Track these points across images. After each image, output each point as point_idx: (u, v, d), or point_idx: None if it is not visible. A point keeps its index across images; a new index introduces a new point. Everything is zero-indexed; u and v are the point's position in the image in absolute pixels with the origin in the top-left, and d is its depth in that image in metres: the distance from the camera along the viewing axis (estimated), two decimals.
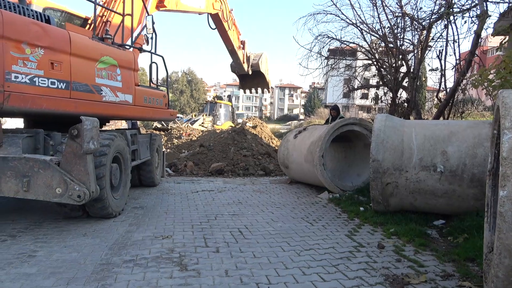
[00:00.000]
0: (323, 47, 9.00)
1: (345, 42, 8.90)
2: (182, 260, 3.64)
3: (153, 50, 7.63)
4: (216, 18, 11.23)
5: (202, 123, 25.47)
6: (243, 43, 13.46)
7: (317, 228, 4.99)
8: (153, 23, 7.34)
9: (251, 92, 16.30)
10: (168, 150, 17.99)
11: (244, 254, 3.87)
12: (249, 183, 9.03)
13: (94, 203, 4.86)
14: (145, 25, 7.42)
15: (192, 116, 32.91)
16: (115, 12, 6.71)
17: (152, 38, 7.64)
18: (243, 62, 13.68)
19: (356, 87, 11.12)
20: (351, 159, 8.48)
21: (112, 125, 24.77)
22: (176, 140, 21.43)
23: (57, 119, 5.65)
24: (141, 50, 7.62)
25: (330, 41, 8.96)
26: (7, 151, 4.38)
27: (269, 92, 14.21)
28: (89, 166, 4.38)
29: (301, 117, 72.02)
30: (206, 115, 28.59)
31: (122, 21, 6.74)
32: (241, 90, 16.40)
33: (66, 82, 5.11)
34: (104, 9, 7.08)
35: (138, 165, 7.60)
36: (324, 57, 9.09)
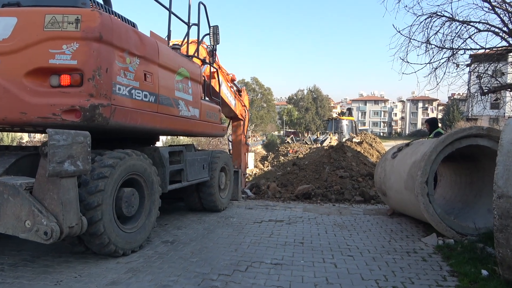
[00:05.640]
0: (436, 33, 6.60)
1: (470, 24, 6.36)
2: None
3: (211, 61, 7.11)
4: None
5: (330, 142, 24.37)
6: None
7: None
8: (216, 33, 6.56)
9: None
10: (270, 168, 17.00)
11: None
12: (335, 212, 7.15)
13: (90, 239, 3.86)
14: (210, 34, 6.63)
15: (317, 135, 33.21)
16: (182, 20, 5.96)
17: (215, 49, 7.08)
18: None
19: (493, 88, 8.20)
20: (478, 187, 5.89)
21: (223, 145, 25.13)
22: (282, 158, 20.39)
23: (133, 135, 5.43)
24: (204, 62, 6.90)
25: (443, 23, 6.51)
26: None
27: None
28: (67, 194, 3.37)
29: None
30: (332, 133, 28.48)
31: (188, 30, 6.17)
32: (368, 105, 14.37)
33: (155, 95, 4.67)
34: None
35: (197, 187, 6.63)
36: (434, 47, 6.67)
